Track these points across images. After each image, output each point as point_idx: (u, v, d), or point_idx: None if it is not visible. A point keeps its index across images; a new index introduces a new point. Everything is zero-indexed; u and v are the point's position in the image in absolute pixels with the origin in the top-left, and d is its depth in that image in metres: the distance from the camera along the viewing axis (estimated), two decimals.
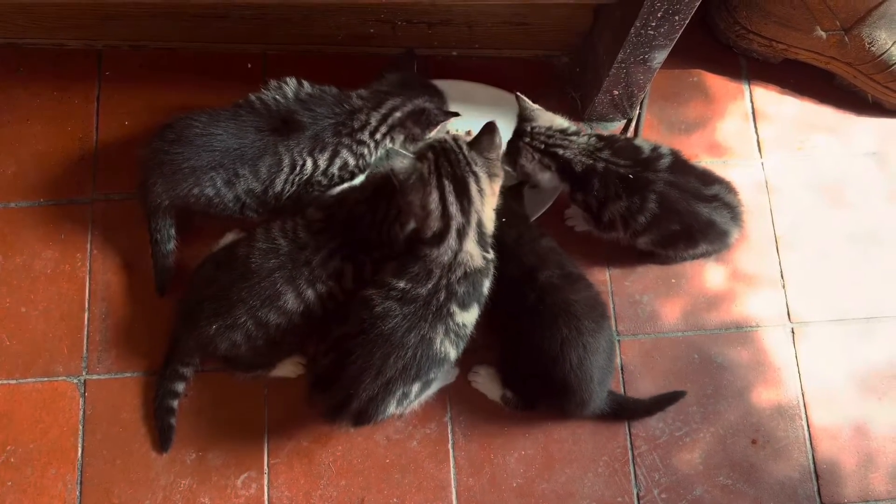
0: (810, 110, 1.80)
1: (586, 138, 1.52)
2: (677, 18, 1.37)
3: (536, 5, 1.59)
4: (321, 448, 1.56)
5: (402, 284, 1.32)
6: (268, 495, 1.54)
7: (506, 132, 1.57)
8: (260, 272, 1.39)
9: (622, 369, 1.61)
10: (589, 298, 1.46)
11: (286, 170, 1.48)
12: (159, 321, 1.59)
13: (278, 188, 1.50)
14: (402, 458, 1.56)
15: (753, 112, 1.79)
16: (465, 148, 1.36)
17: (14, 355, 1.60)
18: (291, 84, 1.52)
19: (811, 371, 1.63)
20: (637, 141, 1.56)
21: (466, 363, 1.56)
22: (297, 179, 1.50)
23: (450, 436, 1.57)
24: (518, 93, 1.54)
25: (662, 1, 1.32)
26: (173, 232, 1.57)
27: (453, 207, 1.31)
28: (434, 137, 1.41)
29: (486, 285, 1.37)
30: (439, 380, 1.44)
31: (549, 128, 1.52)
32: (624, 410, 1.56)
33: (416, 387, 1.36)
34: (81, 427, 1.56)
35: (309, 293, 1.40)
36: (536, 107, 1.54)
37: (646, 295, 1.66)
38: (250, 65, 1.77)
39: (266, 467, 1.55)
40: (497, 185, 1.37)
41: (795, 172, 1.75)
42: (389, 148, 1.56)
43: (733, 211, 1.55)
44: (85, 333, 1.61)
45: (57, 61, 1.76)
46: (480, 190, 1.34)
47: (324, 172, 1.51)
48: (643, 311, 1.65)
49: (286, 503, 1.53)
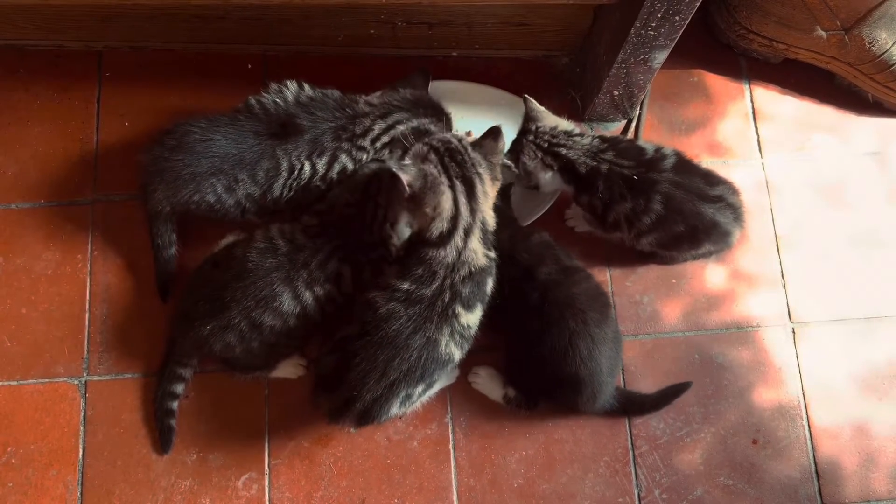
0: (811, 110, 1.80)
1: (590, 139, 1.52)
2: (677, 19, 1.37)
3: (536, 6, 1.59)
4: (322, 449, 1.56)
5: (407, 286, 1.32)
6: (269, 496, 1.54)
7: (505, 132, 1.57)
8: (257, 272, 1.39)
9: (623, 369, 1.61)
10: (590, 289, 1.46)
11: (284, 174, 1.48)
12: (160, 322, 1.59)
13: (276, 192, 1.49)
14: (403, 459, 1.56)
15: (754, 112, 1.79)
16: (469, 148, 1.37)
17: (15, 356, 1.60)
18: (292, 87, 1.52)
19: (812, 371, 1.63)
20: (640, 142, 1.56)
21: (466, 364, 1.55)
22: (296, 184, 1.49)
23: (450, 436, 1.57)
24: (526, 95, 1.55)
25: (662, 1, 1.32)
26: (174, 237, 1.57)
27: (464, 208, 1.32)
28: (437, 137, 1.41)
29: (490, 284, 1.37)
30: (441, 380, 1.44)
31: (554, 128, 1.52)
32: (632, 405, 1.56)
33: (420, 388, 1.36)
34: (82, 428, 1.56)
35: (307, 295, 1.40)
36: (542, 109, 1.55)
37: (646, 295, 1.66)
38: (250, 65, 1.77)
39: (267, 468, 1.55)
40: (496, 188, 1.39)
41: (796, 172, 1.75)
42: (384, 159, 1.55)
43: (736, 212, 1.55)
44: (86, 334, 1.61)
45: (57, 62, 1.76)
46: (485, 192, 1.35)
47: (322, 177, 1.50)
48: (644, 312, 1.65)
49: None
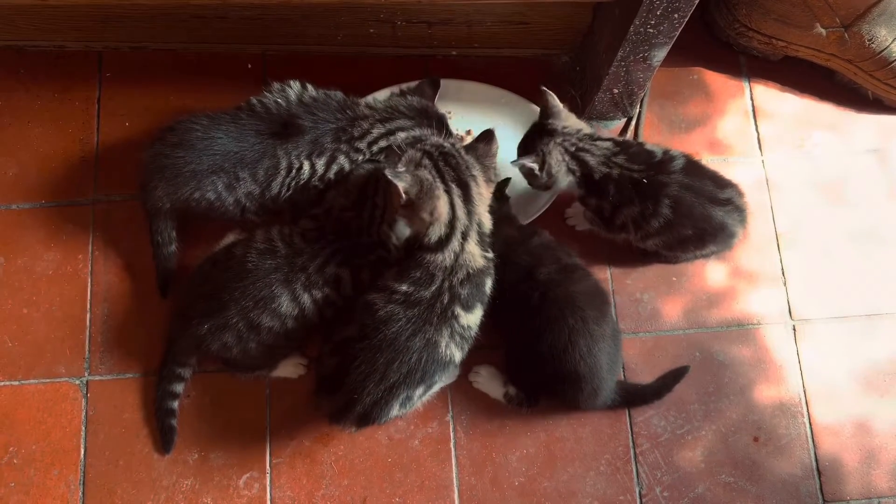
0: (810, 107, 1.80)
1: (607, 143, 1.51)
2: (676, 16, 1.37)
3: (536, 4, 1.59)
4: (323, 448, 1.56)
5: (405, 288, 1.32)
6: (270, 495, 1.54)
7: (505, 132, 1.58)
8: (256, 272, 1.39)
9: (623, 367, 1.61)
10: (589, 287, 1.46)
11: (283, 172, 1.48)
12: (161, 322, 1.59)
13: (275, 191, 1.50)
14: (404, 458, 1.56)
15: (754, 110, 1.79)
16: (462, 152, 1.38)
17: (16, 357, 1.60)
18: (295, 87, 1.52)
19: (813, 368, 1.63)
20: (648, 145, 1.55)
21: (467, 363, 1.55)
22: (294, 183, 1.50)
23: (451, 435, 1.57)
24: (544, 87, 1.51)
25: None
26: (174, 234, 1.57)
27: (461, 210, 1.33)
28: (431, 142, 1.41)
29: (489, 285, 1.37)
30: (441, 380, 1.44)
31: (579, 130, 1.51)
32: (634, 397, 1.57)
33: (420, 390, 1.36)
34: (84, 428, 1.57)
35: (305, 298, 1.40)
36: (562, 106, 1.52)
37: (647, 293, 1.66)
38: (250, 65, 1.77)
39: (268, 467, 1.55)
40: (490, 189, 1.40)
41: (796, 170, 1.75)
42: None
43: (742, 214, 1.55)
44: (87, 335, 1.61)
45: (57, 63, 1.77)
46: (480, 194, 1.36)
47: (321, 178, 1.50)
48: (644, 310, 1.65)
49: (288, 503, 1.53)
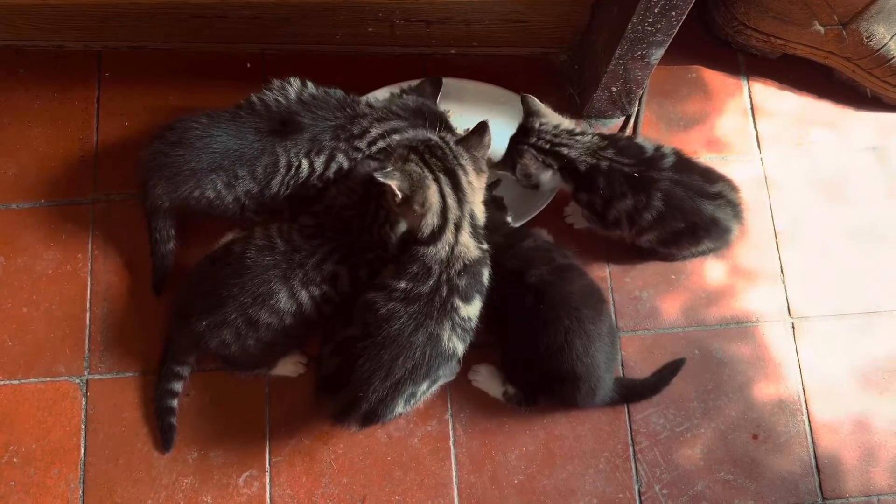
0: (809, 105, 1.80)
1: (590, 137, 1.52)
2: (674, 14, 1.37)
3: (534, 3, 1.59)
4: (322, 446, 1.56)
5: (404, 285, 1.32)
6: (270, 493, 1.54)
7: (504, 130, 1.58)
8: (254, 268, 1.39)
9: (623, 365, 1.61)
10: (584, 286, 1.46)
11: (282, 171, 1.48)
12: (161, 321, 1.59)
13: (274, 189, 1.50)
14: (404, 456, 1.56)
15: (752, 108, 1.79)
16: (451, 143, 1.38)
17: (16, 356, 1.60)
18: (295, 84, 1.52)
19: (812, 366, 1.63)
20: (639, 140, 1.56)
21: (466, 362, 1.55)
22: (293, 182, 1.50)
23: (451, 433, 1.57)
24: (524, 94, 1.53)
25: None
26: (173, 232, 1.57)
27: (451, 199, 1.33)
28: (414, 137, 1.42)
29: (486, 275, 1.38)
30: (442, 377, 1.44)
31: (557, 126, 1.52)
32: (632, 393, 1.57)
33: (425, 385, 1.37)
34: (84, 427, 1.57)
35: (303, 295, 1.41)
36: (543, 107, 1.53)
37: (646, 291, 1.66)
38: (249, 64, 1.77)
39: (268, 466, 1.55)
40: (483, 180, 1.40)
41: (795, 168, 1.75)
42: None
43: (735, 208, 1.55)
44: (86, 333, 1.61)
45: (57, 63, 1.77)
46: (469, 182, 1.36)
47: (319, 176, 1.50)
48: (643, 307, 1.65)
49: (288, 501, 1.53)
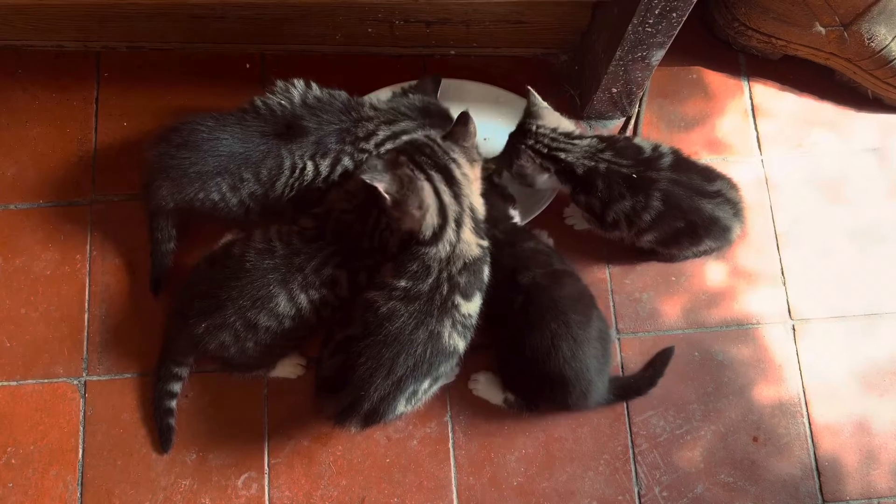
0: (810, 106, 1.79)
1: (588, 140, 1.51)
2: (675, 15, 1.37)
3: (534, 3, 1.59)
4: (321, 448, 1.56)
5: (404, 283, 1.32)
6: (268, 495, 1.54)
7: (504, 130, 1.58)
8: (254, 272, 1.39)
9: (623, 367, 1.61)
10: (574, 292, 1.46)
11: (286, 173, 1.48)
12: (159, 322, 1.59)
13: (278, 191, 1.49)
14: (403, 458, 1.56)
15: (753, 109, 1.79)
16: (438, 139, 1.37)
17: (14, 357, 1.60)
18: (299, 87, 1.51)
19: (812, 368, 1.62)
20: (637, 140, 1.55)
21: (465, 369, 1.55)
22: (298, 184, 1.49)
23: (450, 435, 1.57)
24: (529, 87, 1.53)
25: None
26: (174, 232, 1.57)
27: (447, 196, 1.32)
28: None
29: (487, 272, 1.37)
30: (442, 379, 1.44)
31: (555, 129, 1.51)
32: (629, 391, 1.57)
33: (426, 383, 1.36)
34: (82, 428, 1.56)
35: (302, 298, 1.40)
36: (545, 105, 1.53)
37: (646, 293, 1.66)
38: (249, 65, 1.77)
39: (266, 467, 1.55)
40: (478, 169, 1.39)
41: (795, 169, 1.75)
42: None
43: (735, 207, 1.55)
44: (85, 335, 1.61)
45: (55, 63, 1.77)
46: (464, 174, 1.35)
47: (325, 179, 1.50)
48: (643, 309, 1.65)
49: (287, 503, 1.53)
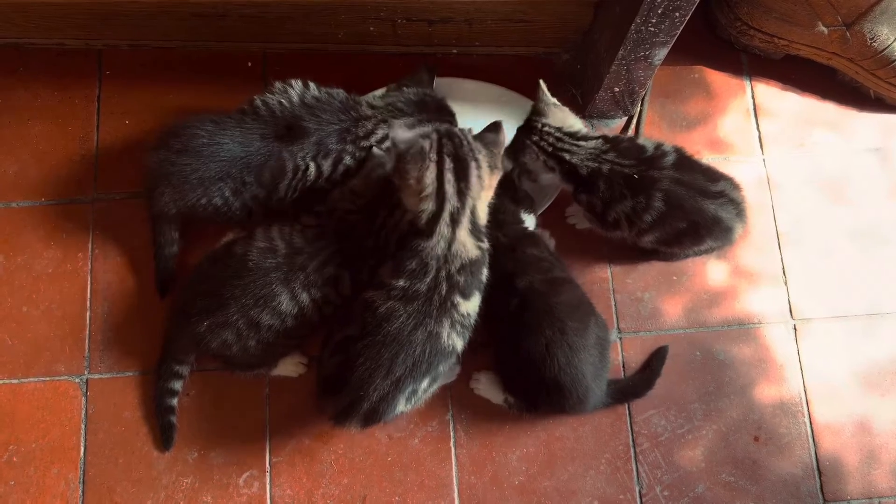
0: (812, 106, 1.79)
1: (593, 142, 1.51)
2: (678, 15, 1.37)
3: (536, 2, 1.59)
4: (323, 446, 1.56)
5: (402, 283, 1.31)
6: (270, 494, 1.54)
7: (507, 130, 1.57)
8: (256, 271, 1.39)
9: (624, 367, 1.61)
10: (572, 300, 1.45)
11: (289, 175, 1.48)
12: (161, 320, 1.59)
13: (282, 193, 1.50)
14: (404, 457, 1.56)
15: (755, 108, 1.78)
16: (470, 136, 1.35)
17: (16, 355, 1.60)
18: (297, 87, 1.51)
19: (814, 367, 1.62)
20: (640, 140, 1.55)
21: (467, 368, 1.56)
22: (301, 185, 1.49)
23: (451, 434, 1.57)
24: (541, 81, 1.52)
25: None
26: (177, 236, 1.58)
27: (450, 187, 1.29)
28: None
29: (485, 273, 1.37)
30: (442, 378, 1.44)
31: (560, 129, 1.50)
32: (626, 395, 1.57)
33: (426, 383, 1.36)
34: (83, 426, 1.57)
35: (304, 297, 1.40)
36: (554, 101, 1.53)
37: (647, 292, 1.66)
38: (250, 63, 1.77)
39: (268, 466, 1.55)
40: (495, 180, 1.36)
41: (797, 169, 1.75)
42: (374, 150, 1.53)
43: (738, 207, 1.55)
44: (86, 333, 1.61)
45: (57, 61, 1.76)
46: (480, 177, 1.32)
47: (327, 178, 1.50)
48: (645, 309, 1.65)
49: (288, 501, 1.53)
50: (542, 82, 1.52)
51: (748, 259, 1.69)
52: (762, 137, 1.77)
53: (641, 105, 1.73)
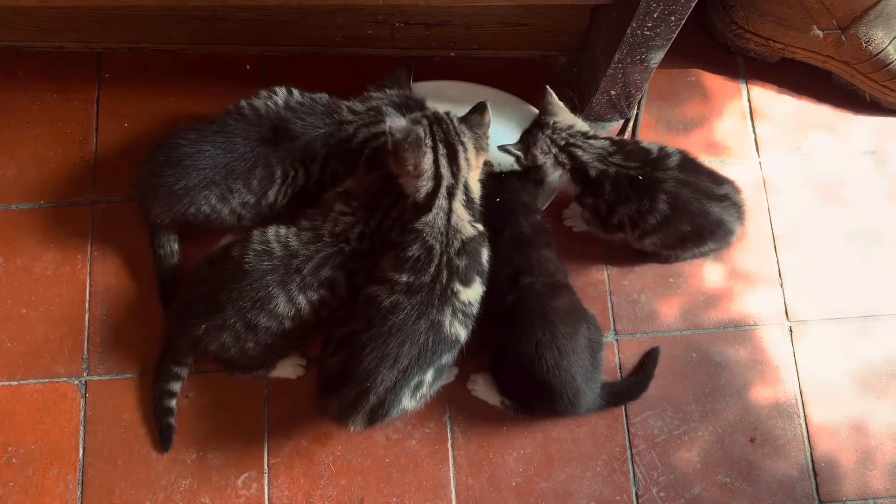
0: (808, 109, 1.80)
1: (602, 143, 1.52)
2: (673, 18, 1.37)
3: (533, 6, 1.59)
4: (321, 448, 1.57)
5: (406, 278, 1.33)
6: (268, 495, 1.54)
7: (503, 133, 1.59)
8: (253, 273, 1.40)
9: (620, 368, 1.62)
10: (568, 305, 1.46)
11: (278, 181, 1.49)
12: (159, 322, 1.60)
13: (271, 199, 1.51)
14: (402, 458, 1.56)
15: (751, 111, 1.79)
16: (456, 120, 1.42)
17: (15, 357, 1.60)
18: (281, 93, 1.52)
19: (809, 369, 1.63)
20: (645, 143, 1.56)
21: (464, 370, 1.56)
22: (290, 190, 1.50)
23: (449, 435, 1.58)
24: (547, 86, 1.55)
25: (658, 1, 1.32)
26: (176, 247, 1.59)
27: (444, 170, 1.37)
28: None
29: (486, 256, 1.39)
30: (444, 373, 1.44)
31: (571, 126, 1.53)
32: (621, 397, 1.57)
33: (430, 374, 1.37)
34: (82, 428, 1.57)
35: (300, 299, 1.41)
36: (561, 104, 1.55)
37: (644, 294, 1.67)
38: (249, 66, 1.78)
39: (266, 467, 1.56)
40: (482, 160, 1.44)
41: (793, 171, 1.75)
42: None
43: (739, 210, 1.56)
44: (85, 335, 1.62)
45: (56, 64, 1.77)
46: (467, 159, 1.40)
47: (317, 182, 1.51)
48: (641, 310, 1.66)
49: (286, 503, 1.54)
50: (549, 87, 1.55)
51: (744, 261, 1.69)
52: (758, 140, 1.77)
53: (638, 108, 1.73)
